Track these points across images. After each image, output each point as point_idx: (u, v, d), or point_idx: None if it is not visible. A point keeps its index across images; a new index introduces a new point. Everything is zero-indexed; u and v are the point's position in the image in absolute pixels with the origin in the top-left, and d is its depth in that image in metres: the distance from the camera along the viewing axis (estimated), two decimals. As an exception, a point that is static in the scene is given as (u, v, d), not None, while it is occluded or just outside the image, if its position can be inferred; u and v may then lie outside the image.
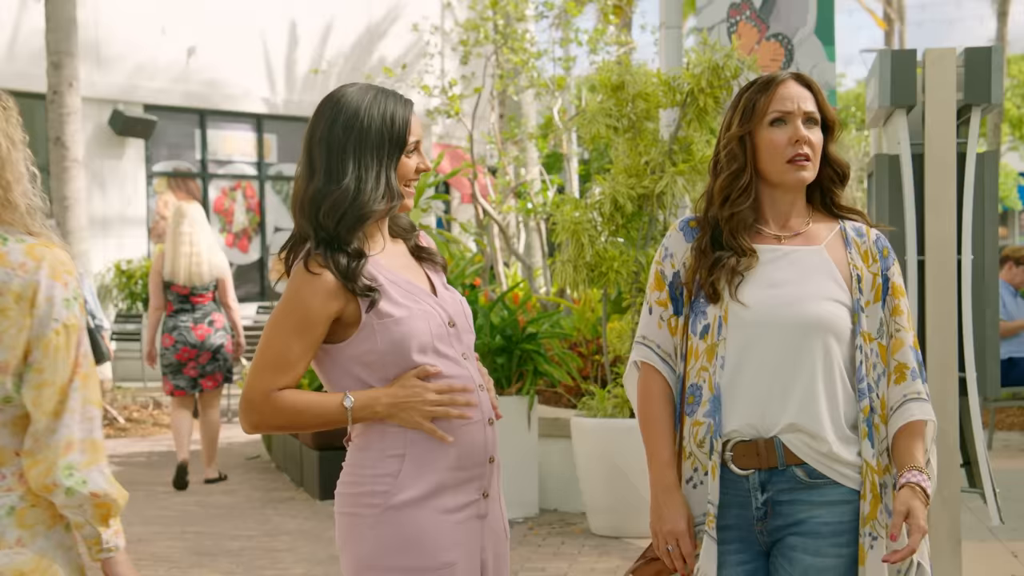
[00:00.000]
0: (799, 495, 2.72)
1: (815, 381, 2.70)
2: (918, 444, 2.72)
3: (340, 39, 19.34)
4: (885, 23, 29.44)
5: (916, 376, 2.76)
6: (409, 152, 2.70)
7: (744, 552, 2.77)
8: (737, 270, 2.76)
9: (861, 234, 2.83)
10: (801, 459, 2.70)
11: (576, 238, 6.87)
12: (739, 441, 2.72)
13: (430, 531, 2.63)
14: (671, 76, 7.00)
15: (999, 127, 21.15)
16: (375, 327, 2.61)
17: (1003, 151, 30.14)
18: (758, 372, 2.71)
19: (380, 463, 2.65)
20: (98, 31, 16.59)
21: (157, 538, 7.11)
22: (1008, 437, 10.30)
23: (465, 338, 2.77)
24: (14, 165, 2.47)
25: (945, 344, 5.13)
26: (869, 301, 2.76)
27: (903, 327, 2.77)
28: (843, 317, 2.74)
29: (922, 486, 2.66)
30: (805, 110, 2.81)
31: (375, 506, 2.64)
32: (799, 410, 2.69)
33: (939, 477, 5.14)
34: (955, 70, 5.14)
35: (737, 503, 2.75)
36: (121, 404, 11.99)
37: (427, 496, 2.64)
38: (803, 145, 2.78)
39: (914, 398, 2.74)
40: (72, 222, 11.95)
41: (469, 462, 2.69)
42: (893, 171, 5.27)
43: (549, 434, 7.70)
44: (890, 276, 2.79)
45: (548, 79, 13.19)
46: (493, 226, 11.94)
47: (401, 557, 2.63)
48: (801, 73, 2.90)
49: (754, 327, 2.73)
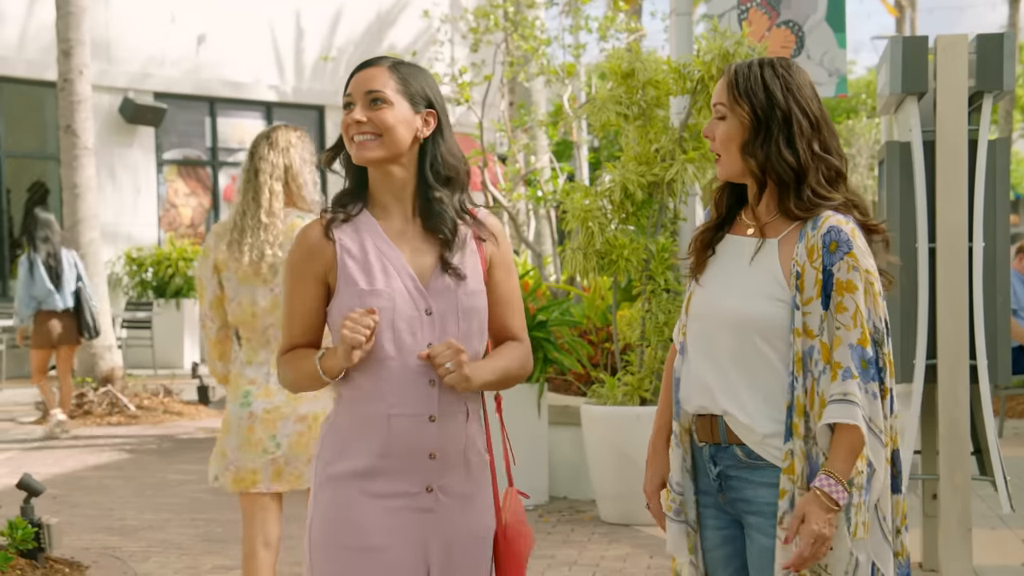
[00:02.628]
0: (742, 473, 2.79)
1: (743, 375, 2.76)
2: (837, 448, 2.66)
3: (349, 26, 19.32)
4: (896, 10, 29.33)
5: (847, 376, 2.65)
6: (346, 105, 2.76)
7: (719, 519, 2.88)
8: (701, 259, 2.89)
9: (816, 227, 2.73)
10: (740, 439, 2.77)
11: (586, 226, 6.86)
12: (697, 414, 2.85)
13: (358, 511, 2.67)
14: (681, 63, 6.98)
15: (1011, 114, 21.07)
16: (345, 292, 2.69)
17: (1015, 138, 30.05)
18: (700, 362, 2.83)
19: (328, 433, 2.76)
20: (108, 19, 16.60)
21: (168, 525, 7.14)
22: (1019, 425, 10.28)
23: (447, 328, 2.70)
24: (304, 176, 4.27)
25: (956, 332, 5.12)
26: (811, 298, 2.69)
27: (844, 325, 2.67)
28: (775, 315, 2.73)
29: (825, 491, 2.63)
30: (713, 103, 2.84)
31: (317, 473, 2.76)
32: (728, 401, 2.78)
33: (950, 465, 5.16)
34: (967, 57, 5.12)
35: (704, 472, 2.88)
36: (132, 392, 12.02)
37: (355, 475, 2.69)
38: (711, 141, 2.86)
39: (838, 399, 2.65)
40: (82, 210, 11.96)
41: (398, 453, 2.67)
42: (904, 158, 5.25)
43: (559, 422, 7.70)
44: (835, 272, 2.68)
45: (558, 66, 13.17)
46: (503, 214, 11.94)
47: (331, 533, 2.69)
48: (733, 64, 2.86)
49: (697, 319, 2.86)
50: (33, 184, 17.02)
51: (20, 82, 15.97)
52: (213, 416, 11.80)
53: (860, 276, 2.69)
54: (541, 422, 7.46)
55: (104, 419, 11.42)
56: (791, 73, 2.80)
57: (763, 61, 2.82)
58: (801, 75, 2.82)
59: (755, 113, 2.76)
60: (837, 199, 2.76)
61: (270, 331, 4.19)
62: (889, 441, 2.73)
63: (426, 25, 17.28)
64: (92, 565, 6.10)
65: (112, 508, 7.67)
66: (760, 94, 2.77)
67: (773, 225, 2.80)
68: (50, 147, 16.08)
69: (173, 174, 17.99)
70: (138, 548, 6.59)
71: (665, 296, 6.99)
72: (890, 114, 5.77)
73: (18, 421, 11.68)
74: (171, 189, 17.94)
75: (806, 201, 2.74)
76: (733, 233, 2.87)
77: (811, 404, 2.70)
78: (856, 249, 2.69)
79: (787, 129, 2.75)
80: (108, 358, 12.03)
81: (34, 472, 7.57)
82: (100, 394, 11.70)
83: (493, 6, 12.94)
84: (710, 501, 2.87)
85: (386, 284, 2.67)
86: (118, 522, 7.25)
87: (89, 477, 8.78)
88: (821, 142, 2.78)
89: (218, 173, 18.45)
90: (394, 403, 2.66)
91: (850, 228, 2.72)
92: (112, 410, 11.59)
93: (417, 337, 2.67)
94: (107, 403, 11.64)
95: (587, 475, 7.29)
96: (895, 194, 5.27)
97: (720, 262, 2.86)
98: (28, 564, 5.65)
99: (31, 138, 16.82)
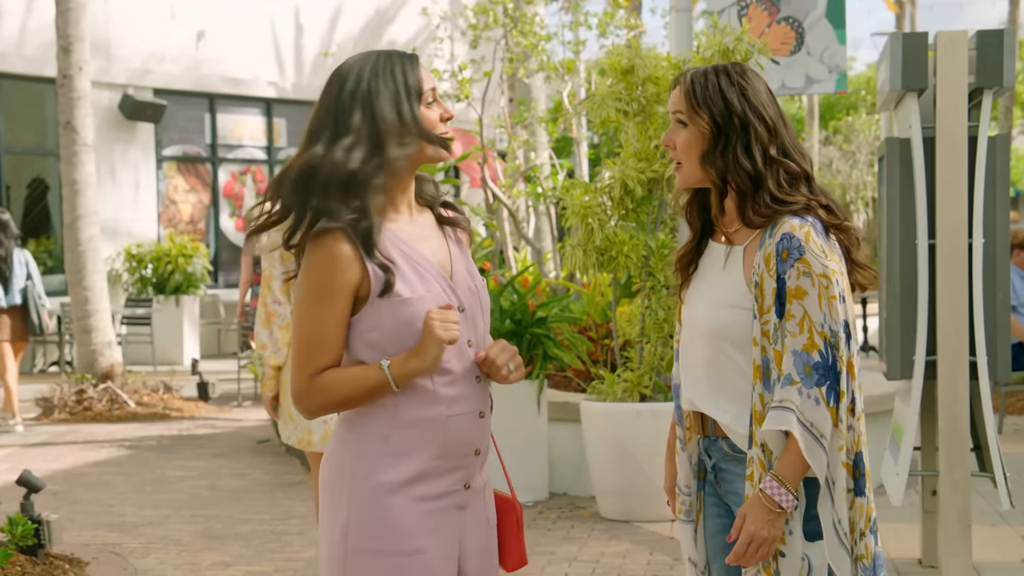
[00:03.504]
0: (731, 465, 2.85)
1: (717, 382, 2.83)
2: (785, 453, 2.69)
3: (349, 23, 19.31)
4: (896, 6, 29.31)
5: (787, 383, 2.67)
6: (428, 103, 2.66)
7: (719, 507, 2.94)
8: (685, 278, 2.96)
9: (771, 234, 2.73)
10: (725, 433, 2.84)
11: (586, 222, 6.86)
12: (691, 410, 2.93)
13: (403, 517, 2.61)
14: (681, 60, 6.98)
15: (1011, 110, 21.06)
16: (382, 303, 2.59)
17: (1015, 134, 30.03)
18: (684, 369, 2.93)
19: (363, 442, 2.64)
20: (108, 16, 16.59)
21: (167, 521, 7.14)
22: (1019, 421, 10.28)
23: (476, 324, 2.72)
24: None
25: (956, 328, 5.12)
26: (770, 307, 2.70)
27: (790, 332, 2.68)
28: (739, 323, 2.76)
29: (767, 494, 2.68)
30: (672, 111, 2.86)
31: (354, 484, 2.63)
32: (707, 405, 2.85)
33: (950, 461, 5.16)
34: (967, 53, 5.12)
35: (704, 465, 2.97)
36: (131, 388, 12.02)
37: (405, 482, 2.62)
38: (669, 149, 2.87)
39: (775, 406, 2.68)
40: (82, 206, 11.95)
41: (453, 452, 2.66)
42: (904, 155, 5.25)
43: (559, 418, 7.70)
44: (786, 280, 2.68)
45: (558, 63, 13.14)
46: (503, 210, 11.93)
47: (373, 539, 2.62)
48: (688, 72, 2.85)
49: (683, 328, 2.94)
50: (33, 180, 17.01)
51: (20, 78, 15.95)
52: (213, 412, 11.80)
53: (812, 280, 2.68)
54: (541, 418, 7.46)
55: (104, 416, 11.42)
56: (746, 79, 2.81)
57: (718, 68, 2.83)
58: (756, 80, 2.82)
59: (715, 122, 2.77)
60: (798, 201, 2.75)
61: None
62: (846, 445, 2.72)
63: (425, 21, 17.26)
64: (92, 561, 6.10)
65: (112, 504, 7.67)
66: (719, 103, 2.77)
67: (740, 233, 2.82)
68: (50, 143, 16.07)
69: (173, 170, 17.98)
70: (138, 544, 6.59)
71: (665, 292, 7.00)
72: (890, 110, 5.76)
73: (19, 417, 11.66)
74: (171, 185, 17.93)
75: (764, 207, 2.75)
76: (715, 240, 2.90)
77: (765, 412, 2.73)
78: (808, 253, 2.68)
79: (744, 136, 2.77)
80: (108, 355, 12.02)
81: (34, 468, 7.58)
82: (100, 391, 11.70)
83: (492, 2, 12.92)
84: (711, 491, 2.95)
85: (425, 288, 2.63)
86: (118, 518, 7.25)
87: (89, 473, 8.78)
88: (779, 146, 2.79)
89: (218, 169, 18.43)
90: (452, 404, 2.65)
91: (804, 232, 2.70)
92: (112, 407, 11.59)
93: (463, 336, 2.68)
94: (107, 399, 11.64)
95: (587, 471, 7.29)
96: (895, 190, 5.26)
97: (701, 271, 2.92)
98: (28, 560, 5.65)
99: (31, 134, 16.81)
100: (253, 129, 18.92)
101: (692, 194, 2.93)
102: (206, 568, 6.09)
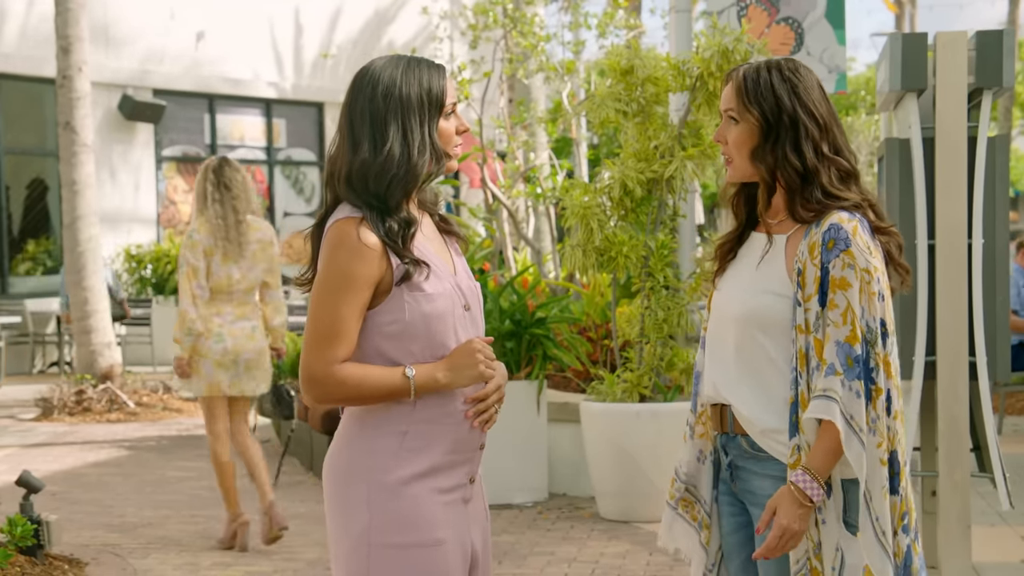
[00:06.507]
0: (748, 463, 2.84)
1: (745, 369, 2.82)
2: (818, 445, 2.69)
3: (349, 23, 19.31)
4: (896, 6, 29.33)
5: (831, 372, 2.68)
6: (447, 115, 2.72)
7: (734, 505, 2.93)
8: (722, 264, 2.96)
9: (819, 224, 2.76)
10: (744, 430, 2.83)
11: (585, 223, 6.86)
12: (711, 404, 2.93)
13: (424, 508, 2.66)
14: (681, 60, 6.97)
15: (1010, 111, 21.08)
16: (405, 298, 2.64)
17: (1014, 135, 30.03)
18: (710, 356, 2.91)
19: (378, 439, 2.67)
20: (107, 16, 16.59)
21: (167, 522, 7.14)
22: (1018, 422, 10.29)
23: (478, 323, 2.80)
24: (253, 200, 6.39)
25: (956, 328, 5.12)
26: (811, 295, 2.72)
27: (833, 321, 2.70)
28: (778, 310, 2.77)
29: (799, 487, 2.67)
30: (723, 108, 2.87)
31: (372, 482, 2.66)
32: (730, 394, 2.84)
33: (950, 461, 5.16)
34: (966, 53, 5.11)
35: (717, 461, 2.96)
36: (131, 389, 12.01)
37: (423, 475, 2.66)
38: (722, 145, 2.90)
39: (819, 395, 2.69)
40: (81, 207, 11.94)
41: (463, 447, 2.72)
42: (904, 155, 5.25)
43: (558, 419, 7.70)
44: (830, 269, 2.71)
45: (557, 63, 13.14)
46: (502, 211, 11.92)
47: (396, 533, 2.65)
48: (740, 68, 2.87)
49: (712, 315, 2.94)
50: (32, 181, 17.00)
51: (19, 79, 15.95)
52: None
53: (856, 274, 2.70)
54: (540, 419, 7.46)
55: (103, 416, 11.42)
56: (798, 76, 2.82)
57: (770, 64, 2.84)
58: (808, 76, 2.84)
59: (765, 119, 2.79)
60: (851, 198, 2.78)
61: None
62: (884, 441, 2.73)
63: (425, 22, 17.25)
64: (91, 562, 6.10)
65: (111, 505, 7.67)
66: (770, 99, 2.79)
67: (783, 224, 2.84)
68: (49, 144, 16.06)
69: (172, 171, 17.98)
70: (137, 545, 6.59)
71: (664, 293, 7.00)
72: (889, 111, 5.76)
73: (18, 418, 11.67)
74: (170, 186, 17.93)
75: (814, 203, 2.77)
76: (758, 231, 2.92)
77: None
78: (854, 247, 2.71)
79: (794, 133, 2.78)
80: (107, 355, 12.02)
81: (33, 469, 7.56)
82: (99, 391, 11.70)
83: (492, 3, 12.92)
84: (726, 488, 2.94)
85: (441, 287, 2.70)
86: (117, 519, 7.25)
87: (88, 474, 8.78)
88: (831, 143, 2.81)
89: (217, 170, 18.42)
90: (465, 399, 2.72)
91: (852, 226, 2.73)
92: (111, 407, 11.59)
93: (469, 334, 2.74)
94: (106, 400, 11.64)
95: (586, 472, 7.29)
96: (894, 191, 5.26)
97: (739, 259, 2.92)
98: (27, 561, 5.65)
99: (30, 135, 16.80)
100: (253, 129, 18.92)
101: (739, 186, 2.94)
102: (206, 568, 6.09)
